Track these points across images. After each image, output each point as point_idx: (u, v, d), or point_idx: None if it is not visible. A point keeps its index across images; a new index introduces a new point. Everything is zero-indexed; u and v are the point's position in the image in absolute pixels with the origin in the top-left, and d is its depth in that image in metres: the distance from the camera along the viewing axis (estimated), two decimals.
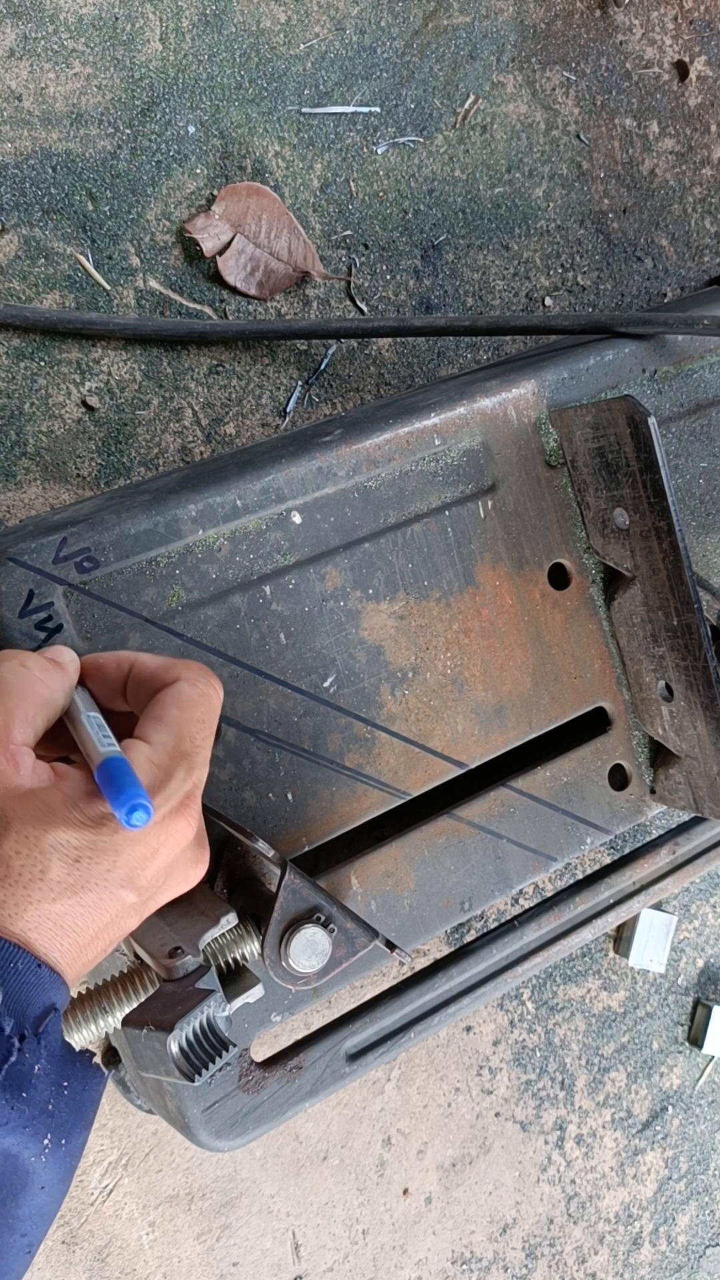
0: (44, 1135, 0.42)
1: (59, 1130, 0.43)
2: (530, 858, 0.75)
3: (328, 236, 0.93)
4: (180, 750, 0.48)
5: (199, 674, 0.52)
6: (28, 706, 0.47)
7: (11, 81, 0.81)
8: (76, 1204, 0.89)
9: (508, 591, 0.72)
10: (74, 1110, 0.44)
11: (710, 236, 1.12)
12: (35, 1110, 0.42)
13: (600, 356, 0.74)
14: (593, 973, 1.12)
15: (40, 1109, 0.42)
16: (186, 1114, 0.65)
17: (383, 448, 0.68)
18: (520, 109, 1.00)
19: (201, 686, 0.51)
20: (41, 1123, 0.42)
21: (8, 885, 0.43)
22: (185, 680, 0.51)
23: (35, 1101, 0.42)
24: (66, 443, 0.84)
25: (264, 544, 0.65)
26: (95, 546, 0.60)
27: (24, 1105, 0.41)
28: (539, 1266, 1.12)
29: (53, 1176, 0.43)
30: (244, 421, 0.90)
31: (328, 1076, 0.69)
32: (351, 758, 0.68)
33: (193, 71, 0.86)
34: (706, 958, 1.19)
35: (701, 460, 0.79)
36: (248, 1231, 0.96)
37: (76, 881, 0.44)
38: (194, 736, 0.49)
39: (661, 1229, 1.19)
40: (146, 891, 0.47)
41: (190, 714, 0.49)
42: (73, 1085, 0.44)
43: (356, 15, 0.92)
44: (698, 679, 0.70)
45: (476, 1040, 1.06)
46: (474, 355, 1.00)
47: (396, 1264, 1.04)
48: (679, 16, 1.07)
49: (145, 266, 0.86)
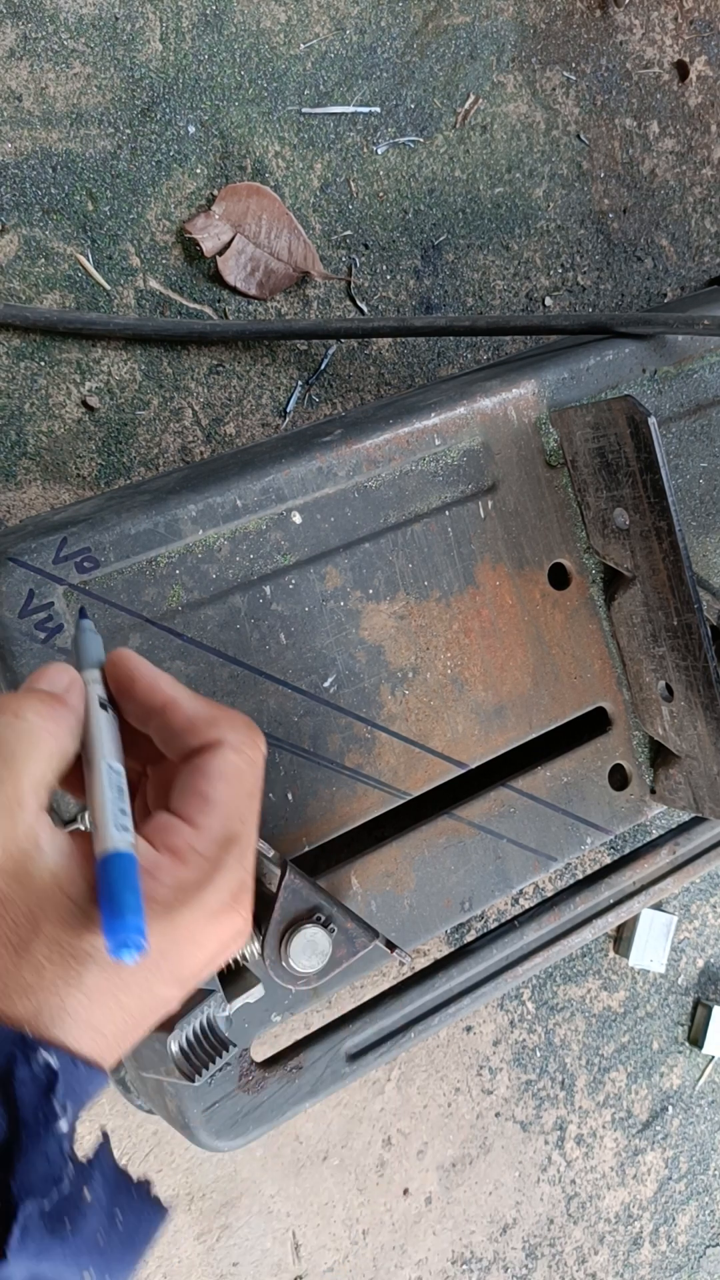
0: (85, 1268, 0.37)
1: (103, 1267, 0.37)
2: (530, 858, 0.75)
3: (328, 236, 0.93)
4: (230, 834, 0.42)
5: (245, 736, 0.45)
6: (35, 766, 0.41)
7: (11, 81, 0.81)
8: None
9: (508, 591, 0.72)
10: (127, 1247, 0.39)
11: (710, 236, 1.12)
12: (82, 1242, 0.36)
13: (600, 356, 0.74)
14: (593, 973, 1.12)
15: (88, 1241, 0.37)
16: (186, 1114, 0.65)
17: (383, 448, 0.68)
18: (520, 109, 1.00)
19: (249, 753, 0.44)
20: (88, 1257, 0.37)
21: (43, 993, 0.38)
22: (230, 746, 0.44)
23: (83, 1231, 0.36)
24: (66, 443, 0.84)
25: (264, 544, 0.65)
26: (95, 546, 0.60)
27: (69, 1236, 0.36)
28: (539, 1266, 1.12)
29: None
30: (244, 421, 0.90)
31: (328, 1076, 0.69)
32: (351, 758, 0.68)
33: (193, 71, 0.86)
34: (707, 958, 1.19)
35: (701, 460, 0.79)
36: (248, 1231, 0.96)
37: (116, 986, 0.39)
38: (244, 815, 0.43)
39: (662, 1229, 1.19)
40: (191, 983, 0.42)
41: (239, 788, 0.43)
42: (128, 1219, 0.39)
43: (356, 15, 0.92)
44: (698, 679, 0.70)
45: (476, 1040, 1.06)
46: (474, 355, 1.00)
47: (396, 1264, 1.04)
48: (679, 16, 1.07)
49: (145, 266, 0.86)
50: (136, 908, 0.38)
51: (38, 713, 0.42)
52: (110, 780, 0.42)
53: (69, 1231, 0.36)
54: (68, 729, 0.43)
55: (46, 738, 0.41)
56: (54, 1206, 0.36)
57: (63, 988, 0.38)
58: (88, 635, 0.49)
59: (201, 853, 0.41)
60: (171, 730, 0.45)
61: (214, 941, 0.41)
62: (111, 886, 0.38)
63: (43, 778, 0.41)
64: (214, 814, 0.42)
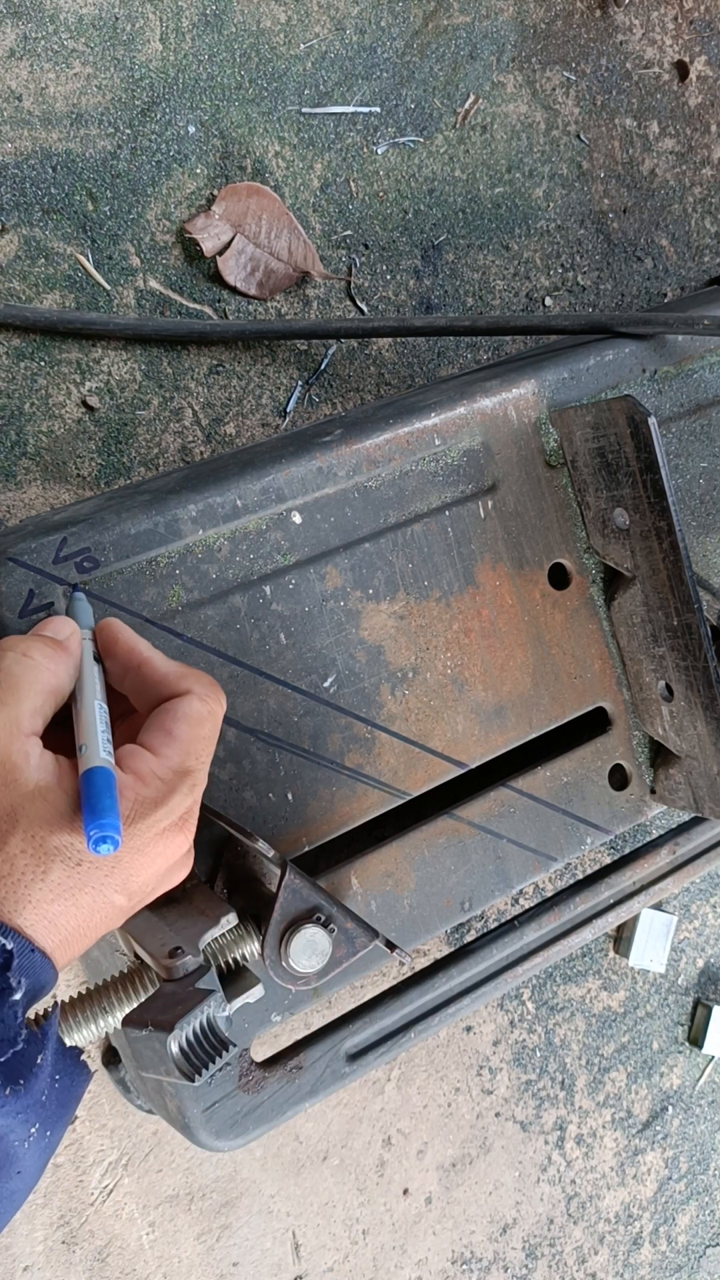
0: (33, 1123, 0.43)
1: (46, 1121, 0.44)
2: (530, 858, 0.75)
3: (328, 236, 0.93)
4: (185, 767, 0.49)
5: (209, 689, 0.52)
6: (35, 697, 0.48)
7: (11, 81, 0.81)
8: (76, 1204, 0.89)
9: (508, 591, 0.72)
10: (61, 1104, 0.45)
11: (710, 236, 1.12)
12: (31, 1099, 0.43)
13: (600, 356, 0.74)
14: (593, 973, 1.12)
15: (35, 1098, 0.43)
16: (186, 1114, 0.65)
17: (383, 448, 0.68)
18: (520, 109, 1.00)
19: (211, 703, 0.51)
20: (34, 1111, 0.43)
21: (10, 883, 0.44)
22: (196, 695, 0.51)
23: (33, 1090, 0.43)
24: (66, 443, 0.84)
25: (264, 544, 0.65)
26: (95, 546, 0.60)
27: (23, 1092, 0.42)
28: (539, 1266, 1.12)
29: (31, 1164, 0.44)
30: (244, 421, 0.90)
31: (328, 1076, 0.69)
32: (351, 758, 0.68)
33: (193, 71, 0.86)
34: (706, 958, 1.19)
35: (701, 460, 0.79)
36: (248, 1231, 0.96)
37: (75, 884, 0.45)
38: (199, 754, 0.50)
39: (661, 1229, 1.19)
40: (137, 896, 0.48)
41: (198, 731, 0.50)
42: (64, 1080, 0.45)
43: (356, 15, 0.92)
44: (698, 679, 0.70)
45: (476, 1040, 1.06)
46: (474, 355, 1.00)
47: (396, 1264, 1.04)
48: (679, 16, 1.07)
49: (145, 266, 0.86)
50: (114, 810, 0.45)
51: (42, 653, 0.50)
52: (100, 714, 0.49)
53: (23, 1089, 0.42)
54: (65, 670, 0.51)
55: (47, 675, 0.49)
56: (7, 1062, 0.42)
57: (30, 878, 0.44)
58: (80, 604, 0.57)
59: (160, 776, 0.48)
60: (145, 683, 0.52)
61: (161, 859, 0.48)
62: (95, 792, 0.45)
63: (41, 708, 0.48)
64: (174, 747, 0.49)
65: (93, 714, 0.49)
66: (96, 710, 0.50)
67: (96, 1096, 0.89)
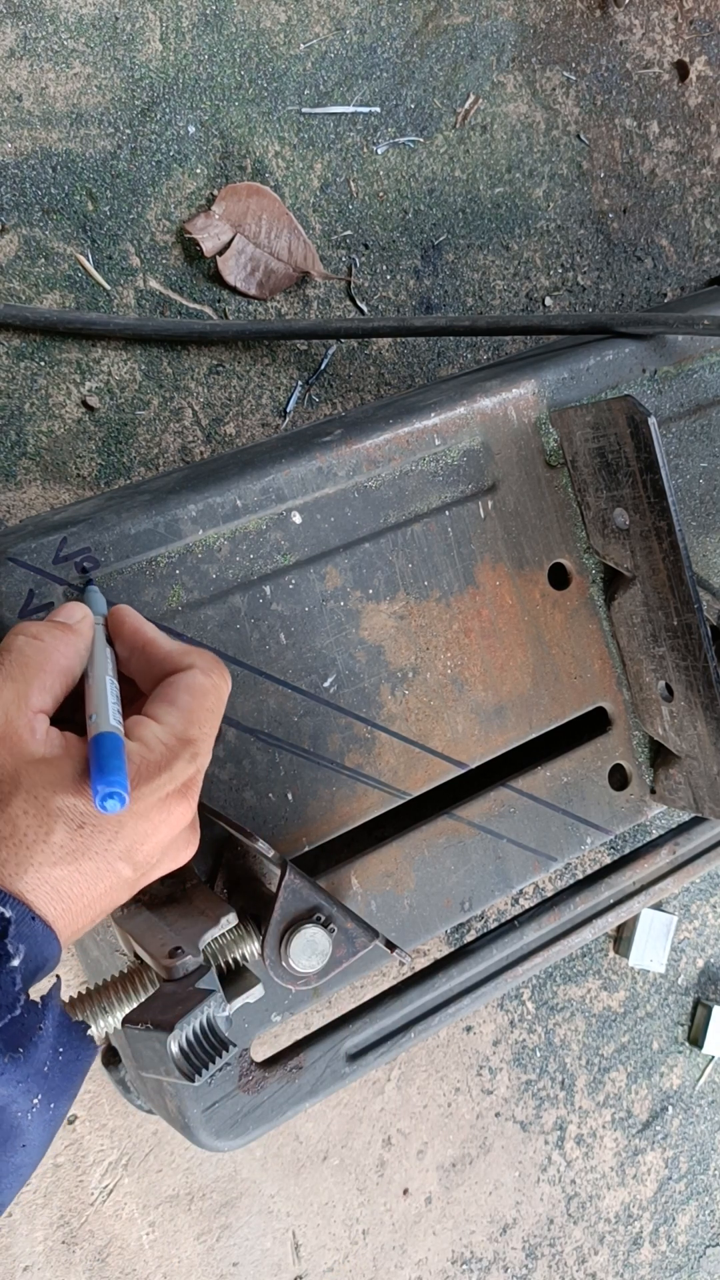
0: (35, 1094, 0.43)
1: (49, 1093, 0.44)
2: (530, 858, 0.75)
3: (328, 236, 0.93)
4: (188, 735, 0.50)
5: (212, 664, 0.53)
6: (45, 676, 0.49)
7: (11, 81, 0.81)
8: (76, 1204, 0.89)
9: (508, 591, 0.72)
10: (66, 1077, 0.45)
11: (710, 236, 1.12)
12: (32, 1069, 0.43)
13: (600, 356, 0.74)
14: (593, 973, 1.12)
15: (36, 1068, 0.43)
16: (186, 1114, 0.65)
17: (383, 448, 0.68)
18: (520, 109, 1.00)
19: (215, 678, 0.53)
20: (35, 1082, 0.43)
21: (12, 845, 0.44)
22: (199, 669, 0.52)
23: (34, 1060, 0.43)
24: (66, 443, 0.84)
25: (264, 544, 0.65)
26: (95, 546, 0.60)
27: (22, 1060, 0.42)
28: (539, 1266, 1.12)
29: (35, 1137, 0.44)
30: (244, 421, 0.90)
31: (328, 1076, 0.69)
32: (351, 758, 0.68)
33: (193, 71, 0.86)
34: (706, 958, 1.19)
35: (701, 460, 0.79)
36: (248, 1231, 0.96)
37: (78, 849, 0.45)
38: (202, 724, 0.51)
39: (661, 1229, 1.19)
40: (142, 867, 0.48)
41: (201, 702, 0.51)
42: (68, 1053, 0.45)
43: (356, 15, 0.92)
44: (698, 679, 0.70)
45: (476, 1040, 1.06)
46: (474, 355, 1.00)
47: (396, 1264, 1.04)
48: (679, 16, 1.07)
49: (145, 266, 0.86)
50: (123, 770, 0.45)
51: (54, 636, 0.52)
52: (110, 688, 0.51)
53: (22, 1057, 0.42)
54: (75, 651, 0.52)
55: (57, 655, 0.51)
56: (5, 1028, 0.42)
57: (32, 839, 0.44)
58: (93, 594, 0.59)
59: (164, 741, 0.49)
60: (150, 661, 0.54)
61: (165, 827, 0.48)
62: (103, 754, 0.46)
63: (50, 687, 0.50)
64: (178, 716, 0.50)
65: (103, 687, 0.51)
66: (108, 684, 0.51)
67: (96, 1096, 0.89)
